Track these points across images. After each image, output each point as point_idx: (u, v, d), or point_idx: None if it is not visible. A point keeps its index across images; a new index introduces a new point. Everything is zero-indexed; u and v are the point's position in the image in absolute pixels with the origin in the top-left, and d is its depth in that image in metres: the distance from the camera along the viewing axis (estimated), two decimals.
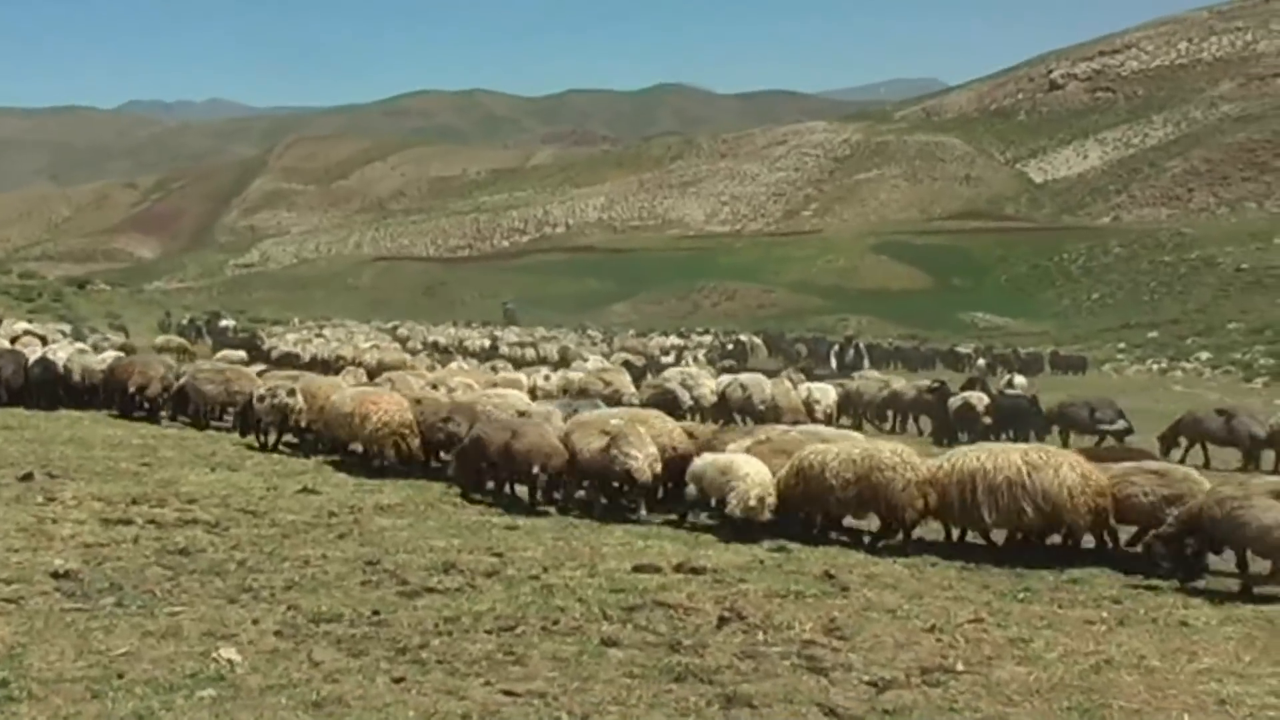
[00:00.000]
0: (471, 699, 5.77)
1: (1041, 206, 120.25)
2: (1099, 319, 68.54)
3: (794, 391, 20.57)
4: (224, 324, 46.79)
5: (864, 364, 35.67)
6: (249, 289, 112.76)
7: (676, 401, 19.66)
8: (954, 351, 46.60)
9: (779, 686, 6.09)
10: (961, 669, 6.48)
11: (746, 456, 10.84)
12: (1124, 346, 53.04)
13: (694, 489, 10.82)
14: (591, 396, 18.59)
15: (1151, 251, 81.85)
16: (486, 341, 44.67)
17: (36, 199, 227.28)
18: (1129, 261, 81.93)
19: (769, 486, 10.30)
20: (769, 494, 10.26)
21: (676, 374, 23.64)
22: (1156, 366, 46.41)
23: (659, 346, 42.43)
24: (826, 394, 20.86)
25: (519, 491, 12.23)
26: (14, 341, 24.01)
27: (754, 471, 10.38)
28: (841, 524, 10.90)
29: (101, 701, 5.55)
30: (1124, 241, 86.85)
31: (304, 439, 15.38)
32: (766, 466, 10.56)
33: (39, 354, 20.04)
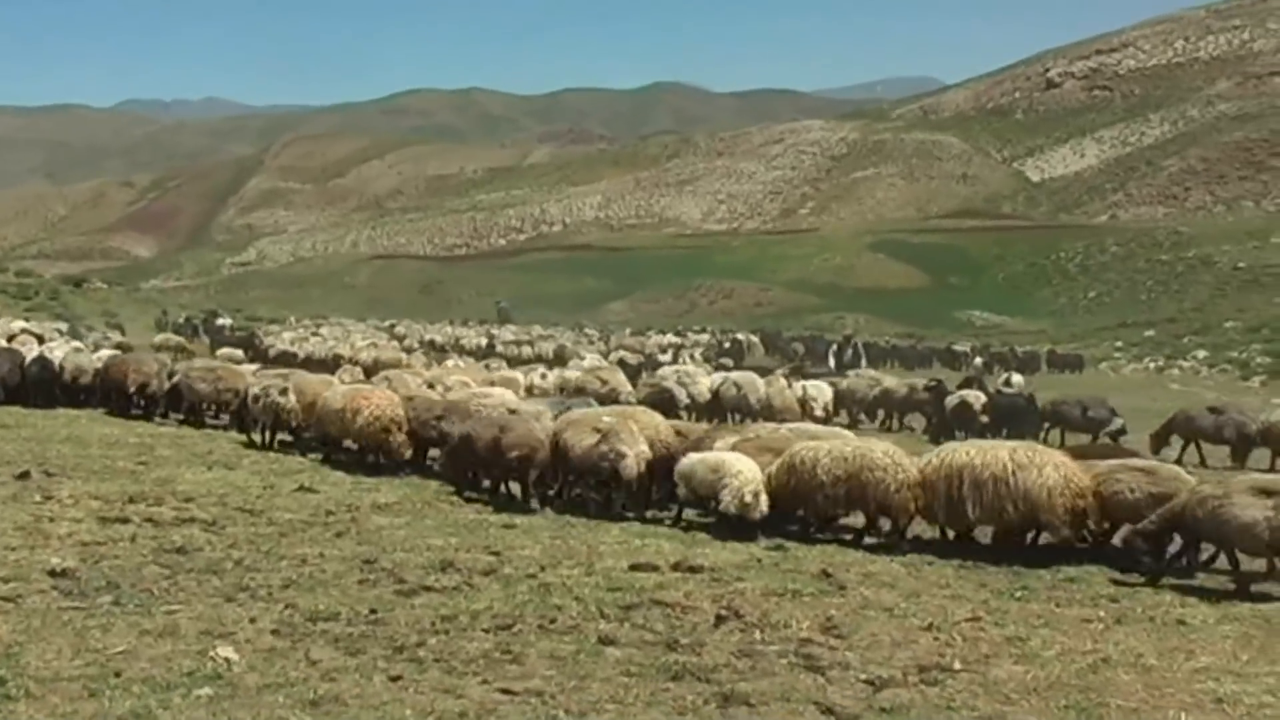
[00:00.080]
0: (469, 697, 5.77)
1: (1038, 205, 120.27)
2: (1096, 317, 68.51)
3: (788, 390, 20.60)
4: (221, 322, 46.86)
5: (862, 363, 35.79)
6: (246, 287, 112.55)
7: (673, 400, 19.71)
8: (951, 350, 46.61)
9: (776, 685, 6.09)
10: (959, 667, 6.48)
11: (736, 454, 10.88)
12: (1121, 345, 52.98)
13: (684, 488, 10.83)
14: (587, 395, 18.61)
15: (1148, 250, 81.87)
16: (483, 340, 44.77)
17: (33, 197, 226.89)
18: (1126, 260, 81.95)
19: (760, 483, 10.34)
20: (761, 491, 10.31)
21: (673, 372, 23.67)
22: (1153, 365, 46.40)
23: (656, 345, 42.42)
24: (822, 392, 20.88)
25: (515, 490, 12.22)
26: (11, 340, 24.01)
27: (745, 469, 10.45)
28: (830, 522, 10.90)
29: (99, 700, 5.54)
30: (1121, 240, 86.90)
31: (300, 437, 15.42)
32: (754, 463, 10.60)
33: (36, 353, 20.05)
